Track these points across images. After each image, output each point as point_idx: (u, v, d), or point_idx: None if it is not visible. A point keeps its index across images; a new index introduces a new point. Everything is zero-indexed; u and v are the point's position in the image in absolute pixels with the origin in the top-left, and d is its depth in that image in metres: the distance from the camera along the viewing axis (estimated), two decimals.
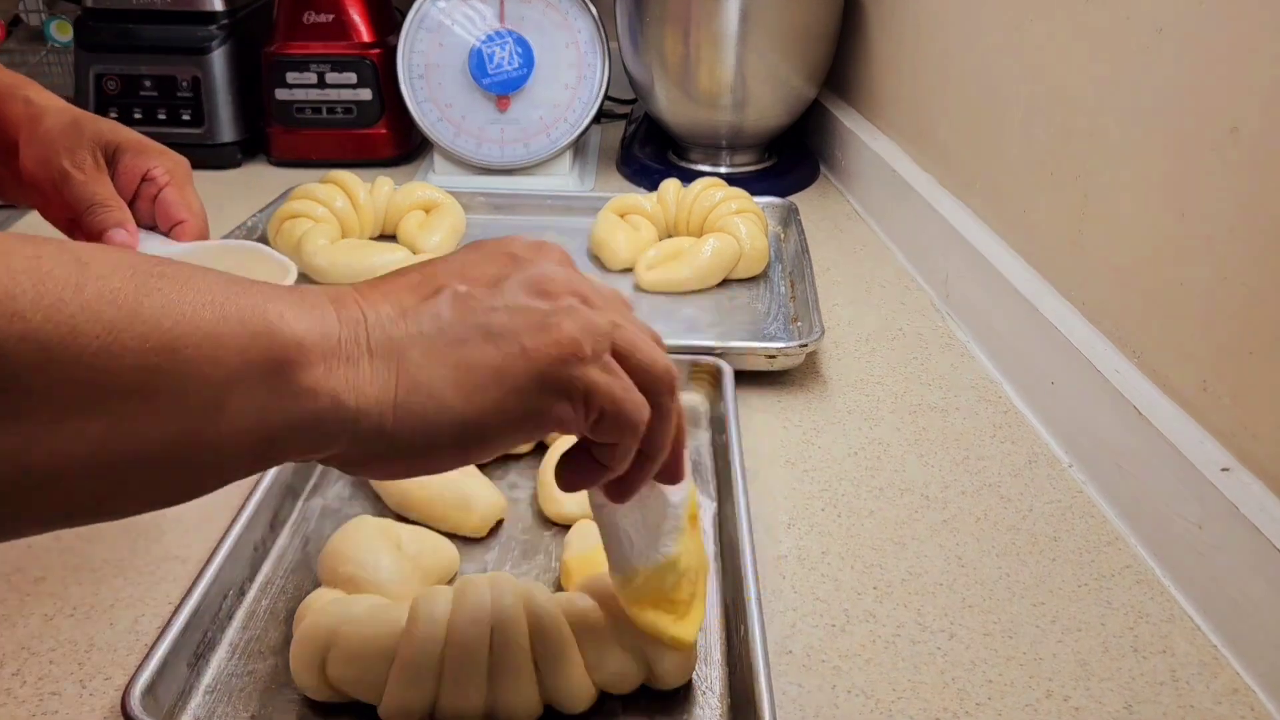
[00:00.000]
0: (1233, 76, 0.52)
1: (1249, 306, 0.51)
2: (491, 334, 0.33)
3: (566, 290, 0.35)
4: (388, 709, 0.43)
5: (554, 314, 0.34)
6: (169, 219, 0.61)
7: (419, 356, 0.32)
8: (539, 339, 0.33)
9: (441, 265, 0.35)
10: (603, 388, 0.34)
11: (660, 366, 0.36)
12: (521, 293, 0.34)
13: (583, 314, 0.34)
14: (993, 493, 0.62)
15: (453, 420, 0.32)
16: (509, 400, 0.33)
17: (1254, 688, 0.48)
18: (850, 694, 0.47)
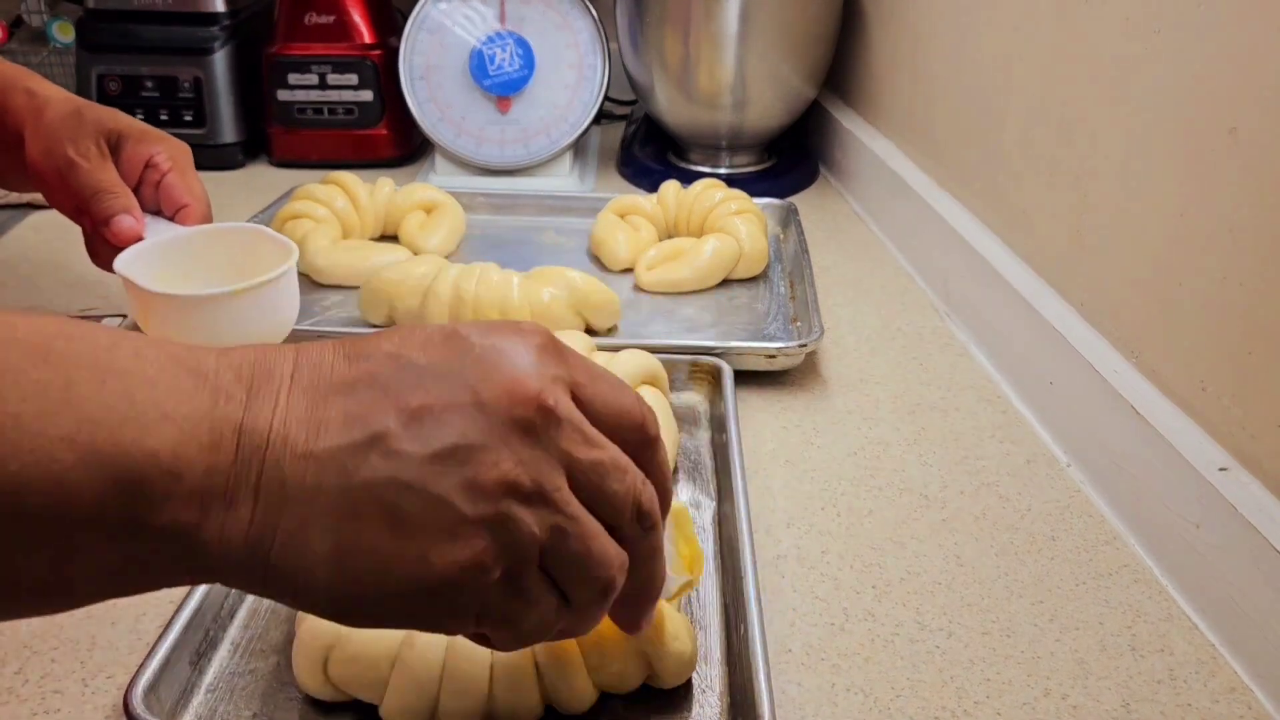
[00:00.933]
0: (1232, 77, 0.52)
1: (1248, 307, 0.51)
2: (394, 520, 0.28)
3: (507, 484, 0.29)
4: (389, 708, 0.43)
5: (472, 523, 0.28)
6: (173, 204, 0.62)
7: (303, 514, 0.28)
8: (443, 550, 0.28)
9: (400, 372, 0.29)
10: (497, 615, 0.30)
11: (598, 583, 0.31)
12: (451, 477, 0.28)
13: (512, 527, 0.29)
14: (991, 492, 0.62)
15: (318, 600, 0.29)
16: (386, 599, 0.29)
17: (1252, 687, 0.48)
18: (849, 692, 0.48)
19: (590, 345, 0.65)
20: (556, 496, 0.30)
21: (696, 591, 0.52)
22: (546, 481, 0.29)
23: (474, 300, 0.73)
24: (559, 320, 0.74)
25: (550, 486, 0.30)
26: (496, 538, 0.29)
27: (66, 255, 0.89)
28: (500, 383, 0.29)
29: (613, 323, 0.77)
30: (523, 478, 0.29)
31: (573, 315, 0.75)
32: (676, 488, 0.61)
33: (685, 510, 0.41)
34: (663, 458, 0.34)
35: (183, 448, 0.27)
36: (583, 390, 0.31)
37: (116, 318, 0.79)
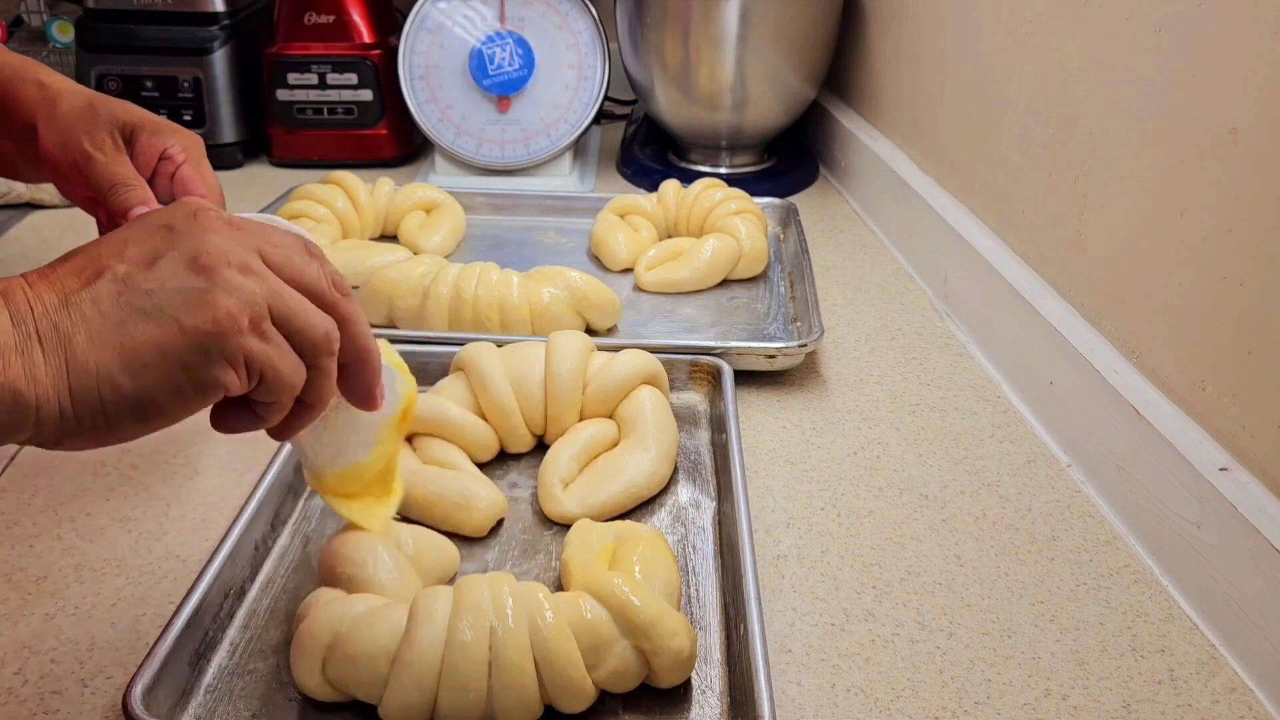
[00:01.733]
0: (1231, 77, 0.52)
1: (1247, 306, 0.51)
2: (149, 314, 0.35)
3: (223, 262, 0.36)
4: (388, 709, 0.43)
5: (209, 290, 0.36)
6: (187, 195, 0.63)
7: (85, 342, 0.34)
8: (195, 316, 0.35)
9: (105, 244, 0.37)
10: (259, 356, 0.37)
11: (318, 331, 0.39)
12: (179, 269, 0.36)
13: (239, 286, 0.36)
14: (991, 492, 0.62)
15: (125, 399, 0.35)
16: (175, 374, 0.35)
17: (1252, 686, 0.48)
18: (849, 693, 0.47)
19: (590, 345, 0.65)
20: (261, 270, 0.37)
21: (697, 591, 0.52)
22: (250, 260, 0.37)
23: (473, 300, 0.73)
24: (558, 320, 0.74)
25: (255, 264, 0.37)
26: (231, 296, 0.36)
27: None
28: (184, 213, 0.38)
29: (613, 323, 0.77)
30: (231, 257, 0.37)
31: (573, 315, 0.75)
32: (676, 488, 0.61)
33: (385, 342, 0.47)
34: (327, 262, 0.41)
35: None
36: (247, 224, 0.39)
37: None
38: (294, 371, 0.38)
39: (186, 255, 0.36)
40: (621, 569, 0.48)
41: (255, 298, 0.37)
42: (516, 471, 0.62)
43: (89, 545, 0.56)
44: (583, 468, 0.60)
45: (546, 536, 0.57)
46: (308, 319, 0.38)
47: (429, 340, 0.71)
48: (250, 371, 0.37)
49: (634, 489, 0.58)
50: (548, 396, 0.62)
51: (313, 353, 0.39)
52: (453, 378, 0.64)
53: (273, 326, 0.37)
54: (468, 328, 0.73)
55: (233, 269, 0.36)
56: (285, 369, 0.38)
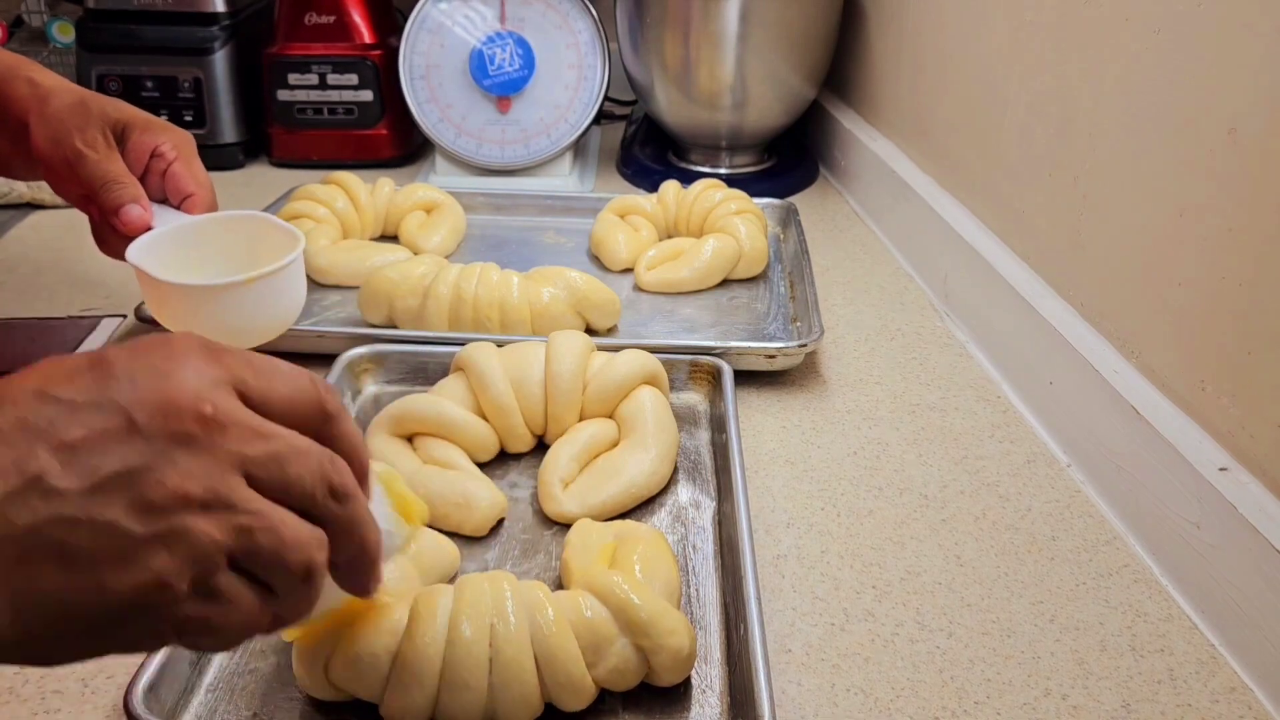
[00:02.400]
0: (1231, 78, 0.52)
1: (1247, 306, 0.51)
2: (65, 557, 0.28)
3: (180, 499, 0.29)
4: (389, 708, 0.43)
5: (147, 542, 0.28)
6: (179, 192, 0.63)
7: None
8: (119, 576, 0.28)
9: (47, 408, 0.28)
10: (195, 624, 0.30)
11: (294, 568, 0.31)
12: (119, 500, 0.28)
13: (188, 535, 0.29)
14: (991, 492, 0.62)
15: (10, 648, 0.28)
16: (76, 636, 0.29)
17: (1252, 686, 0.48)
18: (849, 692, 0.48)
19: (590, 345, 0.65)
20: (233, 497, 0.30)
21: (697, 591, 0.52)
22: (219, 485, 0.29)
23: (474, 300, 0.73)
24: (559, 320, 0.74)
25: (224, 489, 0.29)
26: (175, 552, 0.29)
27: (66, 255, 0.90)
28: (153, 401, 0.29)
29: (613, 323, 0.77)
30: (192, 487, 0.29)
31: (573, 315, 0.75)
32: (676, 488, 0.61)
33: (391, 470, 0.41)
34: (348, 429, 0.34)
35: None
36: (248, 386, 0.31)
37: (116, 318, 0.79)
38: (245, 625, 0.31)
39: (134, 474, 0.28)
40: (621, 568, 0.48)
41: (208, 548, 0.29)
42: (516, 471, 0.63)
43: None
44: (583, 468, 0.60)
45: (546, 536, 0.57)
46: (284, 555, 0.31)
47: (429, 340, 0.71)
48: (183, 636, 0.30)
49: (634, 489, 0.58)
50: (548, 396, 0.62)
51: (286, 587, 0.32)
52: (453, 378, 0.65)
53: (228, 576, 0.30)
54: (468, 328, 0.73)
55: (191, 509, 0.29)
56: (232, 627, 0.31)
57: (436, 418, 0.61)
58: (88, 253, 0.65)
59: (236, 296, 0.58)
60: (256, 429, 0.31)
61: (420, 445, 0.61)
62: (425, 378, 0.70)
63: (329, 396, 0.34)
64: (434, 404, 0.61)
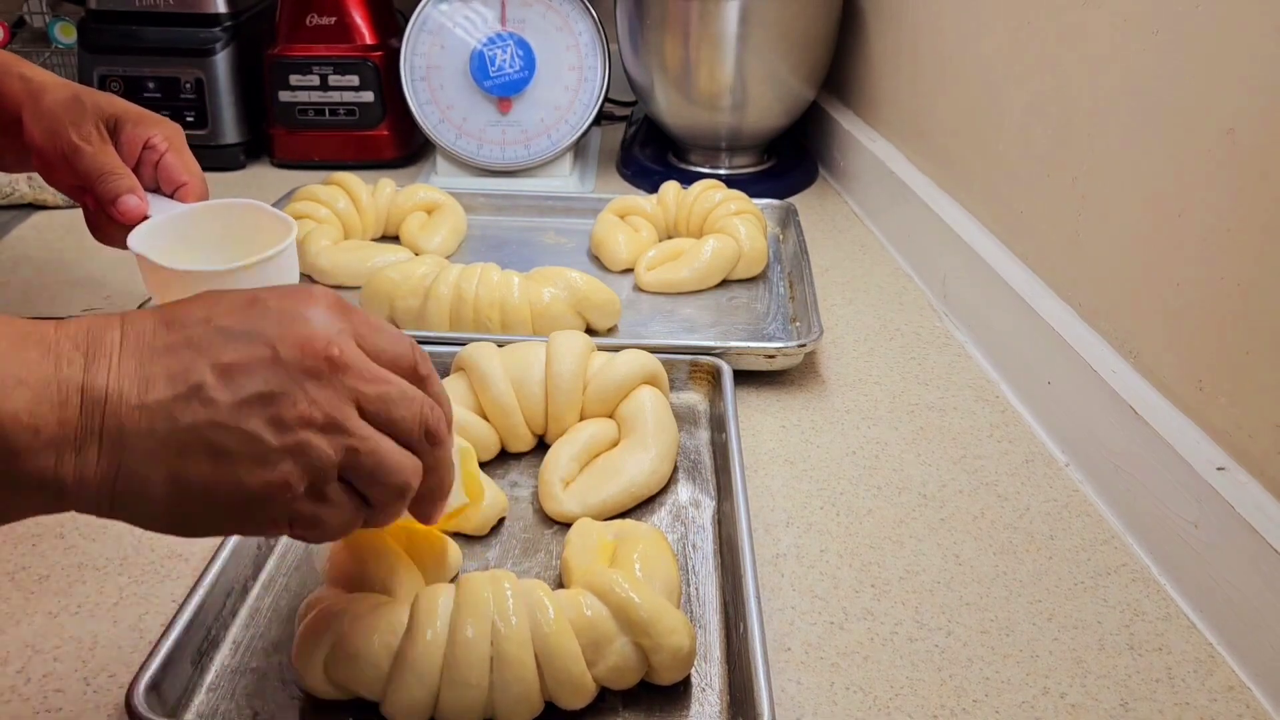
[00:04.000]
0: (1230, 78, 0.52)
1: (1245, 306, 0.51)
2: (215, 453, 0.34)
3: (306, 420, 0.35)
4: (390, 706, 0.43)
5: (278, 450, 0.35)
6: (172, 182, 0.65)
7: (141, 455, 0.34)
8: (254, 473, 0.35)
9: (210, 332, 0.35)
10: (306, 519, 0.37)
11: (391, 487, 0.38)
12: (260, 415, 0.35)
13: (310, 449, 0.35)
14: (990, 491, 0.62)
15: (160, 516, 0.35)
16: (211, 514, 0.36)
17: (1250, 685, 0.49)
18: (848, 691, 0.48)
19: (590, 345, 0.65)
20: (347, 424, 0.36)
21: (696, 590, 0.52)
22: (336, 413, 0.36)
23: (474, 300, 0.73)
24: (559, 320, 0.74)
25: (340, 417, 0.36)
26: (298, 462, 0.35)
27: (67, 255, 0.90)
28: (294, 339, 0.36)
29: (613, 323, 0.78)
30: (315, 413, 0.36)
31: (573, 315, 0.75)
32: (676, 487, 0.61)
33: (472, 449, 0.49)
34: (439, 389, 0.41)
35: (36, 406, 0.33)
36: (365, 340, 0.38)
37: None
38: (345, 525, 0.38)
39: (273, 397, 0.35)
40: (622, 567, 0.48)
41: (325, 461, 0.36)
42: (517, 471, 0.63)
43: (92, 544, 0.56)
44: (583, 467, 0.61)
45: (547, 535, 0.57)
46: (384, 474, 0.38)
47: (430, 340, 0.71)
48: (294, 528, 0.37)
49: (634, 488, 0.58)
50: (548, 396, 0.63)
51: (382, 500, 0.39)
52: (454, 377, 0.65)
53: (336, 485, 0.37)
54: (469, 328, 0.74)
55: (313, 429, 0.35)
56: (334, 526, 0.38)
57: None
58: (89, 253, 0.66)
59: (236, 280, 0.59)
60: (372, 373, 0.38)
61: None
62: None
63: (423, 359, 0.41)
64: None
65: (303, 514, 0.37)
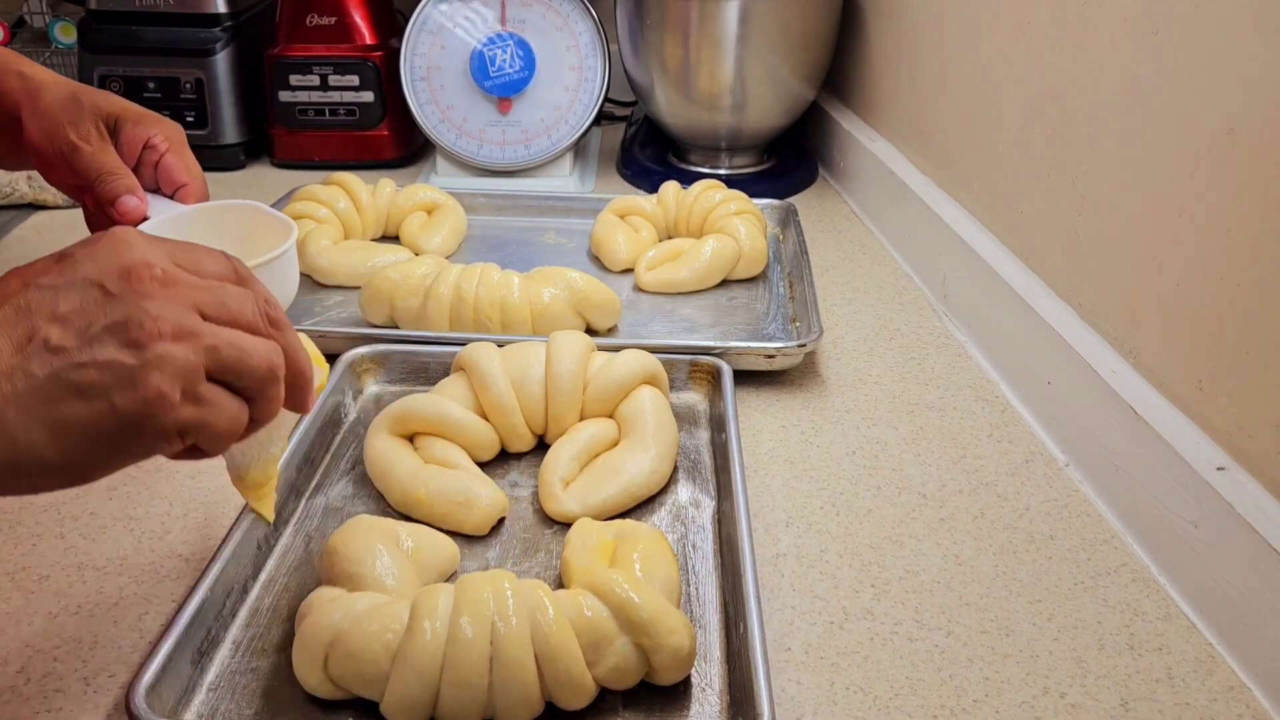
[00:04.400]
0: (1229, 78, 0.52)
1: (1245, 306, 0.51)
2: (81, 391, 0.35)
3: (155, 333, 0.36)
4: (390, 706, 0.43)
5: (141, 368, 0.35)
6: (172, 183, 0.65)
7: (15, 416, 0.34)
8: (127, 395, 0.35)
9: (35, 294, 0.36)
10: (192, 423, 0.37)
11: (261, 369, 0.39)
12: (111, 343, 0.35)
13: (171, 358, 0.36)
14: (990, 491, 0.62)
15: (52, 468, 0.36)
16: (105, 450, 0.36)
17: (1250, 685, 0.48)
18: (848, 691, 0.48)
19: (590, 345, 0.65)
20: (195, 328, 0.37)
21: (696, 589, 0.52)
22: (184, 320, 0.37)
23: (474, 300, 0.73)
24: (559, 320, 0.74)
25: (189, 323, 0.37)
26: (164, 371, 0.36)
27: None
28: (115, 271, 0.37)
29: (613, 323, 0.78)
30: (163, 326, 0.36)
31: (573, 315, 0.75)
32: (676, 487, 0.61)
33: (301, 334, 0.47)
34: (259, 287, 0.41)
35: None
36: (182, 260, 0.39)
37: None
38: (232, 421, 0.38)
39: (118, 325, 0.36)
40: (622, 567, 0.48)
41: (189, 365, 0.36)
42: (517, 471, 0.63)
43: (92, 544, 0.56)
44: (583, 467, 0.61)
45: (547, 535, 0.57)
46: (249, 361, 0.38)
47: (430, 340, 0.72)
48: (185, 437, 0.37)
49: (634, 488, 0.58)
50: (548, 396, 0.63)
51: (258, 387, 0.39)
52: (454, 377, 0.65)
53: (210, 385, 0.37)
54: (469, 328, 0.74)
55: (165, 339, 0.36)
56: (223, 424, 0.38)
57: (438, 417, 0.61)
58: None
59: None
60: (199, 283, 0.38)
61: (421, 445, 0.61)
62: (426, 378, 0.70)
63: (239, 264, 0.42)
64: (435, 404, 0.61)
65: (187, 421, 0.37)
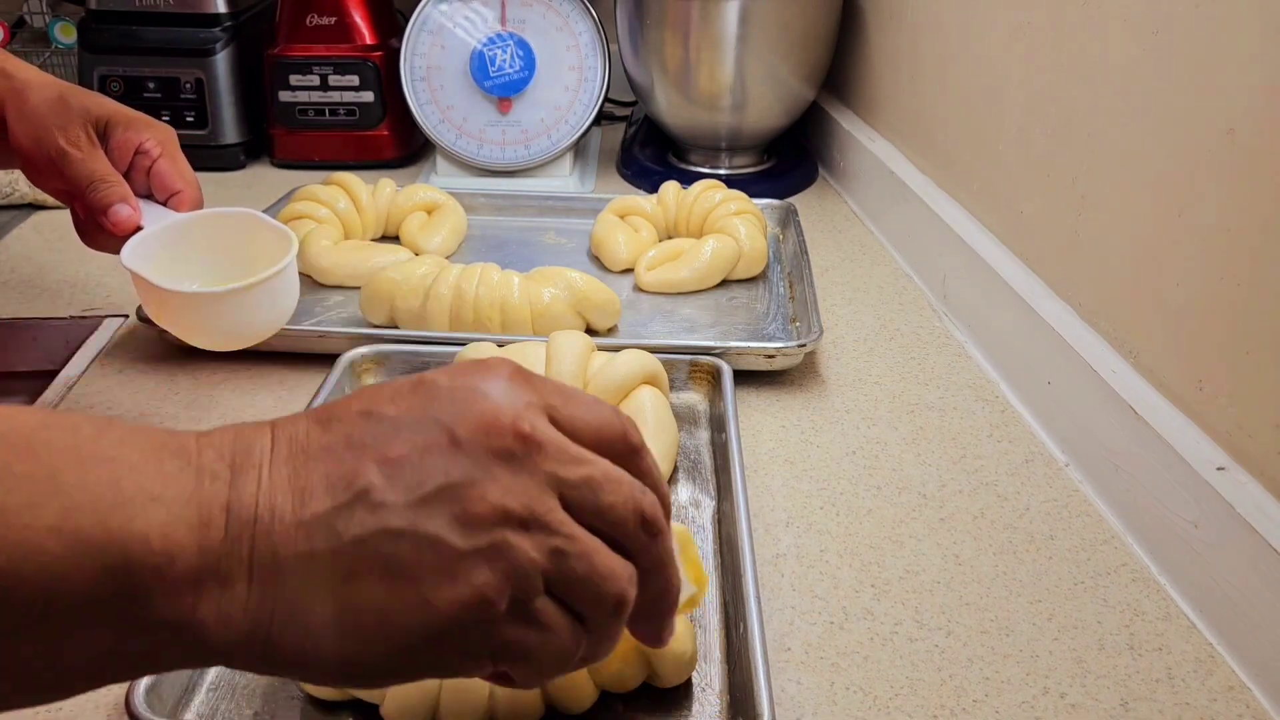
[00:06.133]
0: (1229, 78, 0.52)
1: (1245, 306, 0.51)
2: (390, 570, 0.28)
3: (502, 516, 0.28)
4: (389, 708, 0.43)
5: (469, 557, 0.28)
6: (165, 189, 0.62)
7: (300, 585, 0.28)
8: (441, 591, 0.28)
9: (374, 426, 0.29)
10: (513, 647, 0.29)
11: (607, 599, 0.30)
12: (440, 516, 0.28)
13: (511, 555, 0.28)
14: (990, 491, 0.62)
15: (328, 666, 0.28)
16: (397, 654, 0.28)
17: (1250, 685, 0.48)
18: (849, 691, 0.48)
19: (590, 345, 0.65)
20: (550, 518, 0.29)
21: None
22: (537, 504, 0.29)
23: (474, 300, 0.73)
24: (559, 320, 0.74)
25: (542, 509, 0.29)
26: (495, 568, 0.28)
27: (67, 255, 0.90)
28: (474, 418, 0.29)
29: (613, 323, 0.78)
30: (512, 504, 0.29)
31: (573, 315, 0.75)
32: (676, 487, 0.61)
33: (688, 531, 0.41)
34: (652, 464, 0.33)
35: (171, 529, 0.26)
36: (558, 412, 0.31)
37: (118, 318, 0.79)
38: (561, 651, 0.30)
39: (459, 493, 0.28)
40: None
41: (528, 570, 0.29)
42: None
43: None
44: None
45: None
46: (601, 586, 0.30)
47: (430, 340, 0.71)
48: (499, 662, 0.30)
49: None
50: None
51: (597, 616, 0.31)
52: None
53: (546, 601, 0.29)
54: (469, 328, 0.74)
55: (511, 526, 0.28)
56: (546, 654, 0.30)
57: None
58: (89, 253, 0.65)
59: (235, 301, 0.58)
60: (571, 453, 0.30)
61: None
62: None
63: (633, 430, 0.33)
64: None
65: (510, 643, 0.29)
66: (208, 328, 0.59)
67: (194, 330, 0.60)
